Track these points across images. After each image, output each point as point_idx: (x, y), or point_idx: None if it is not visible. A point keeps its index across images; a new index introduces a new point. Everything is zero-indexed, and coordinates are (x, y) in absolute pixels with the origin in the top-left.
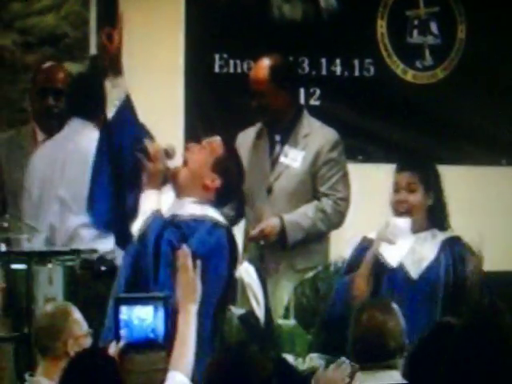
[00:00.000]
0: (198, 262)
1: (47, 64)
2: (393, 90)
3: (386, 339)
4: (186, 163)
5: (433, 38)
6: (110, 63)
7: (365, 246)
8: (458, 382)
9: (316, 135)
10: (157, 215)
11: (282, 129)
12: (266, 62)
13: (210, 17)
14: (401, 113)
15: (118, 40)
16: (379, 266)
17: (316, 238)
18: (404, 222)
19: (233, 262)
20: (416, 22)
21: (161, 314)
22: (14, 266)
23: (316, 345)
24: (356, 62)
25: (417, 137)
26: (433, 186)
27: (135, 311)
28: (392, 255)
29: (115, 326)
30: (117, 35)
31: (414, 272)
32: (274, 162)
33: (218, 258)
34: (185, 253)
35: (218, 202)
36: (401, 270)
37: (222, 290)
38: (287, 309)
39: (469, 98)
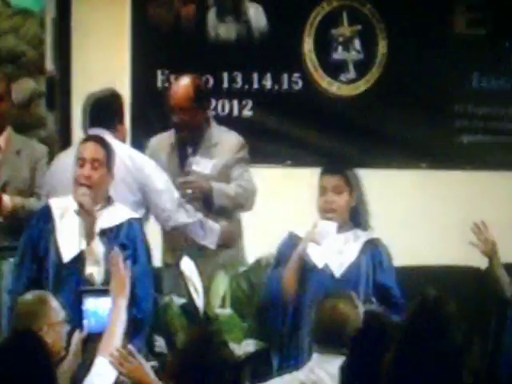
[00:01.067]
0: (128, 262)
1: None
2: (319, 102)
3: (346, 329)
4: (92, 187)
5: (356, 54)
6: None
7: (292, 243)
8: (403, 369)
9: (224, 143)
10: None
11: (193, 141)
12: (189, 81)
13: (155, 37)
14: (326, 121)
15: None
16: (306, 264)
17: (236, 210)
18: (331, 225)
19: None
20: (340, 39)
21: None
22: None
23: (252, 331)
24: (285, 77)
25: (342, 143)
26: (355, 187)
27: (100, 302)
28: (318, 255)
29: (78, 317)
30: None
31: (338, 271)
32: (187, 171)
33: (145, 250)
34: (116, 255)
35: None
36: (326, 268)
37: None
38: (223, 299)
39: (390, 107)
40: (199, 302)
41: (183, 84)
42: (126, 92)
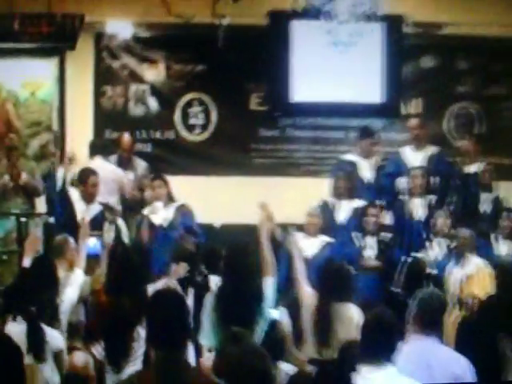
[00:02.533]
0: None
1: None
2: (183, 144)
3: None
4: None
5: (201, 120)
6: None
7: (144, 215)
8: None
9: (138, 165)
10: None
11: (128, 164)
12: (129, 137)
13: (105, 112)
14: (187, 154)
15: None
16: (151, 226)
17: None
18: (160, 203)
19: None
20: (193, 114)
21: (100, 243)
22: (22, 219)
23: None
24: (166, 132)
25: (195, 165)
26: (168, 185)
27: (92, 240)
28: (156, 219)
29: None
30: None
31: (165, 224)
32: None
33: None
34: (84, 221)
35: None
36: (160, 225)
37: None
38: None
39: (220, 146)
40: (126, 240)
41: (127, 138)
42: (88, 140)
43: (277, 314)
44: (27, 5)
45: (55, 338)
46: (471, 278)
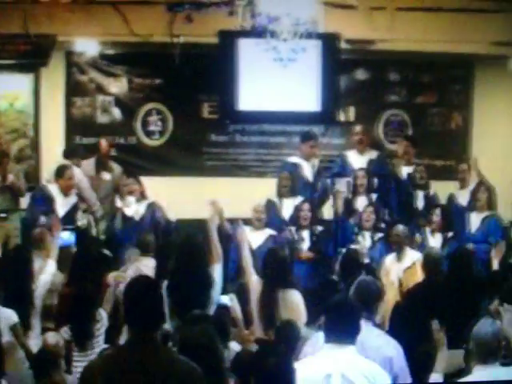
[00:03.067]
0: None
1: None
2: (144, 149)
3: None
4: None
5: (159, 127)
6: None
7: (117, 208)
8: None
9: (115, 167)
10: None
11: (105, 166)
12: (107, 142)
13: (75, 120)
14: (147, 157)
15: None
16: (124, 216)
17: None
18: (132, 198)
19: None
20: (152, 121)
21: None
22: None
23: None
24: (128, 138)
25: (153, 165)
26: (140, 183)
27: (63, 234)
28: (129, 211)
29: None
30: None
31: (137, 217)
32: (101, 177)
33: None
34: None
35: None
36: (132, 216)
37: None
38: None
39: (176, 150)
40: (93, 231)
41: (104, 143)
42: (62, 145)
43: (227, 299)
44: (6, 26)
45: (7, 313)
46: (408, 270)
